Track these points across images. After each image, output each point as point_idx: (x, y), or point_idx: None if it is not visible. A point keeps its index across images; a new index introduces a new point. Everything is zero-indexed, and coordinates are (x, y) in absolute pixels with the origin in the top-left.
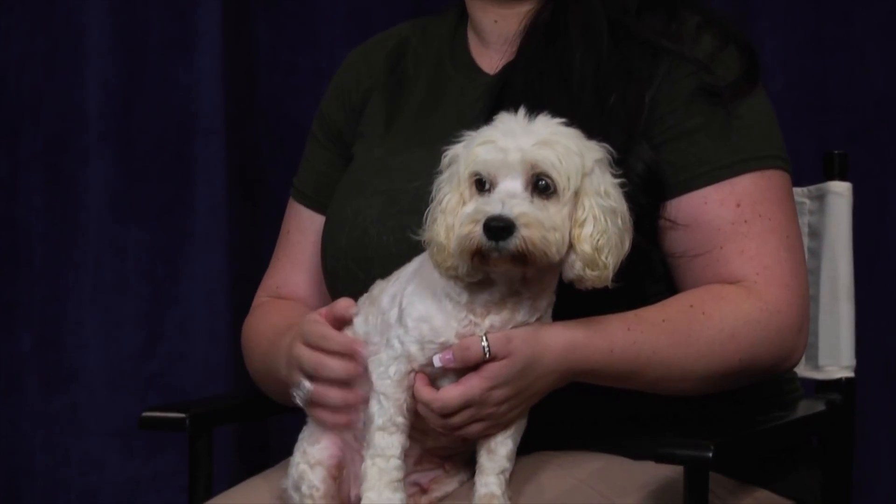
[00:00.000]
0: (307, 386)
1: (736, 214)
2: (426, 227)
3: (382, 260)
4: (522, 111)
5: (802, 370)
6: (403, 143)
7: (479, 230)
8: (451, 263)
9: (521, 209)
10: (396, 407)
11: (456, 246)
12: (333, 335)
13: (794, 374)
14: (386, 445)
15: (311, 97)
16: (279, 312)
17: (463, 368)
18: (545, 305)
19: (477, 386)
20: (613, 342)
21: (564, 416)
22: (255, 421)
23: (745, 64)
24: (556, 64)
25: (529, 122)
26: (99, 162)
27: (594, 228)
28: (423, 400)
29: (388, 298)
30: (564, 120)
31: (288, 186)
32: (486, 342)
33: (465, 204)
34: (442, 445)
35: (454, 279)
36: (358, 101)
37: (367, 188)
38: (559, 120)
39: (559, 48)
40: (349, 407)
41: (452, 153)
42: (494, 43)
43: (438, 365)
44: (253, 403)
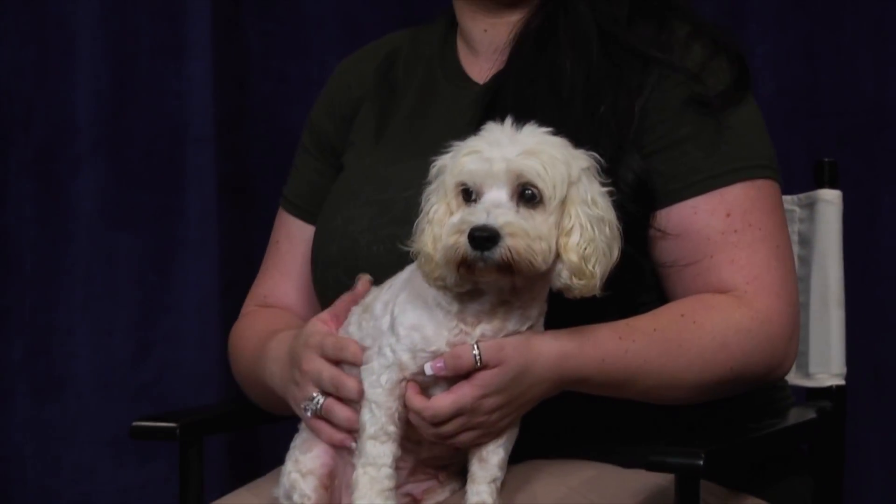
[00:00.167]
0: (321, 400)
1: (726, 224)
2: (415, 237)
3: (373, 270)
4: (510, 121)
5: (793, 378)
6: (394, 152)
7: (464, 240)
8: (438, 274)
9: (506, 219)
10: (388, 416)
11: (442, 256)
12: (350, 345)
13: (784, 381)
14: (377, 454)
15: (301, 105)
16: (265, 320)
17: (454, 377)
18: (536, 314)
19: (468, 394)
20: (605, 351)
21: (556, 424)
22: (245, 430)
23: (735, 73)
24: (546, 73)
25: (516, 131)
26: (90, 169)
27: (581, 237)
28: (414, 408)
29: (380, 305)
30: (551, 129)
31: (278, 193)
32: (477, 350)
33: (452, 214)
34: (436, 456)
35: (443, 289)
36: (348, 110)
37: (357, 198)
38: (546, 129)
39: (549, 57)
40: (351, 429)
41: (440, 163)
42: (484, 52)
43: (430, 373)
44: (244, 412)
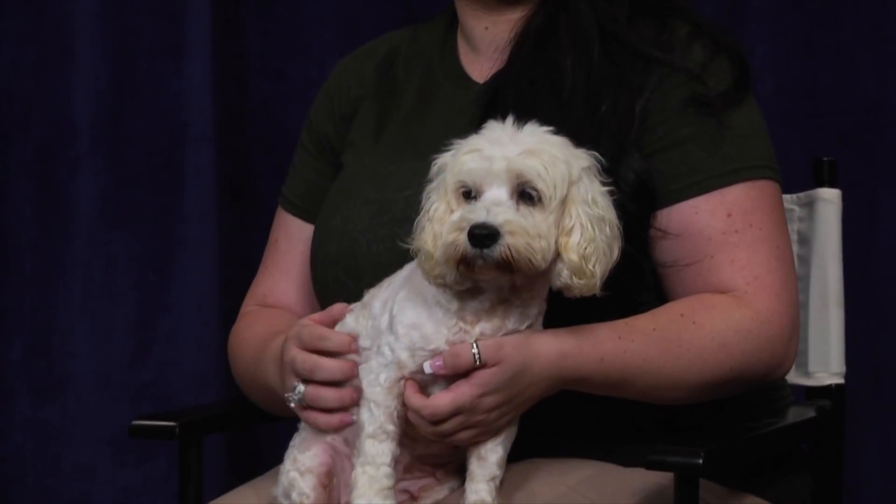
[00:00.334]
0: (301, 388)
1: (727, 224)
2: (415, 235)
3: (372, 269)
4: (511, 119)
5: (793, 377)
6: (393, 151)
7: (463, 238)
8: (438, 272)
9: (505, 217)
10: (387, 415)
11: (441, 254)
12: (331, 335)
13: (784, 381)
14: (376, 453)
15: (300, 104)
16: (265, 321)
17: (453, 376)
18: (536, 313)
19: (467, 393)
20: (604, 351)
21: (555, 423)
22: (245, 429)
23: (736, 73)
24: (546, 72)
25: (517, 130)
26: (89, 169)
27: (581, 237)
28: (413, 407)
29: (379, 304)
30: (552, 128)
31: (278, 193)
32: (476, 349)
33: (452, 212)
34: (433, 453)
35: (443, 287)
36: (347, 109)
37: (356, 197)
38: (547, 128)
39: (550, 56)
40: (344, 407)
41: (441, 162)
42: (485, 50)
43: (429, 372)
44: (243, 412)
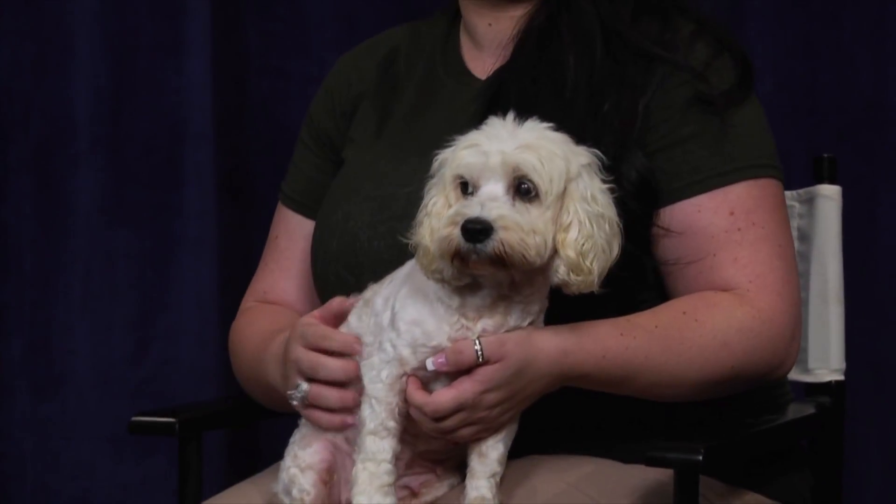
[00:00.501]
0: (305, 387)
1: (729, 222)
2: (414, 230)
3: (373, 265)
4: (512, 116)
5: (793, 373)
6: (395, 148)
7: (457, 232)
8: (435, 267)
9: (499, 212)
10: (388, 411)
11: (436, 248)
12: (334, 334)
13: (784, 377)
14: (377, 449)
15: (300, 102)
16: (266, 317)
17: (455, 372)
18: (537, 310)
19: (469, 389)
20: (606, 347)
21: (555, 420)
22: (244, 425)
23: (739, 72)
24: (549, 70)
25: (517, 126)
26: (88, 167)
27: (579, 233)
28: (415, 403)
29: (381, 301)
30: (552, 125)
31: (277, 191)
32: (479, 346)
33: (450, 207)
34: (434, 449)
35: (441, 283)
36: (348, 106)
37: (358, 193)
38: (547, 125)
39: (553, 53)
40: (346, 408)
41: (442, 157)
42: (488, 47)
43: (431, 369)
44: (243, 408)
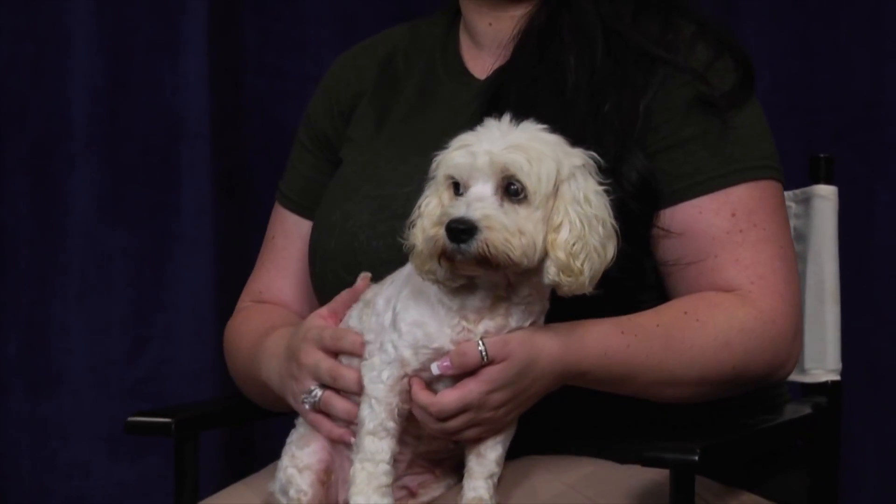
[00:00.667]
0: (319, 392)
1: (731, 224)
2: (409, 232)
3: (372, 265)
4: (507, 117)
5: None
6: (394, 148)
7: (442, 232)
8: (428, 267)
9: (483, 212)
10: (388, 412)
11: (423, 248)
12: (347, 333)
13: None
14: (375, 450)
15: (296, 101)
16: (261, 317)
17: (460, 375)
18: (538, 311)
19: (475, 390)
20: (607, 345)
21: (553, 421)
22: (241, 425)
23: (740, 73)
24: (549, 70)
25: (512, 127)
26: (85, 166)
27: (570, 234)
28: (420, 403)
29: (382, 301)
30: (547, 126)
31: (274, 190)
32: (482, 346)
33: (442, 208)
34: (433, 449)
35: (435, 284)
36: (346, 105)
37: (356, 193)
38: (542, 126)
39: (554, 53)
40: (350, 421)
41: (439, 158)
42: (488, 46)
43: (437, 373)
44: (239, 408)
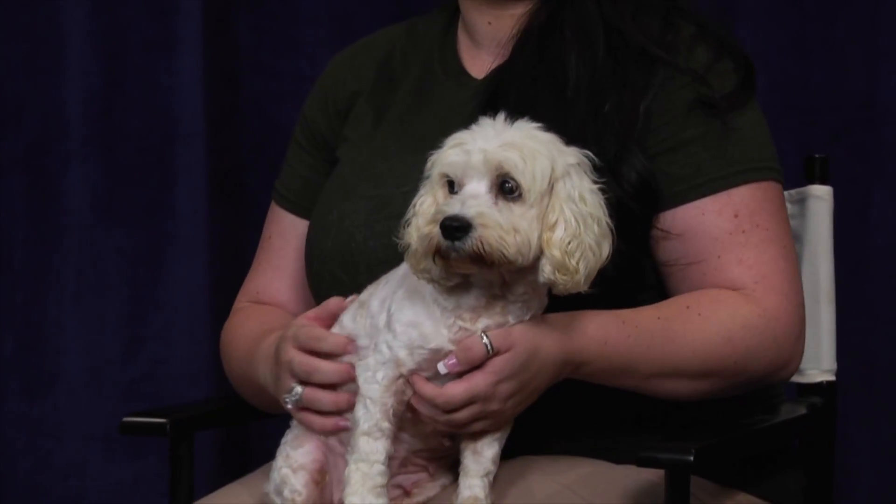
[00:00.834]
0: (299, 390)
1: (734, 225)
2: (404, 231)
3: (369, 265)
4: (502, 116)
5: None
6: (391, 147)
7: (437, 230)
8: (423, 266)
9: (478, 209)
10: (383, 412)
11: (418, 246)
12: (327, 335)
13: None
14: (370, 451)
15: (292, 101)
16: (258, 318)
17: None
18: (537, 307)
19: (482, 381)
20: (608, 334)
21: (549, 420)
22: (236, 425)
23: (741, 75)
24: (549, 69)
25: (507, 125)
26: (80, 165)
27: (565, 232)
28: (426, 396)
29: (377, 302)
30: (542, 125)
31: (269, 189)
32: (486, 339)
33: (437, 206)
34: (428, 448)
35: (431, 283)
36: (343, 104)
37: (353, 192)
38: (536, 125)
39: (553, 53)
40: (339, 411)
41: (434, 156)
42: (487, 45)
43: (444, 372)
44: (234, 408)
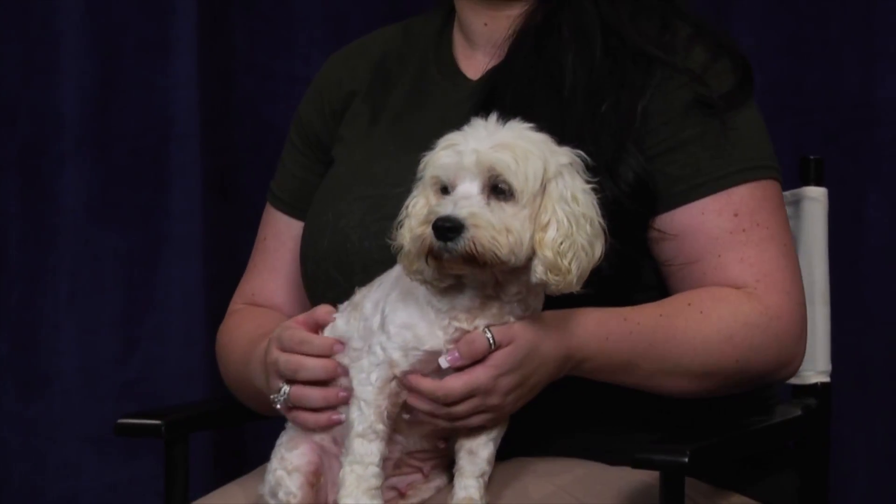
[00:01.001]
0: (287, 389)
1: (734, 224)
2: (397, 232)
3: (364, 266)
4: (494, 116)
5: None
6: (386, 147)
7: (429, 231)
8: (416, 267)
9: (470, 210)
10: (377, 414)
11: (411, 248)
12: (312, 338)
13: None
14: (365, 452)
15: (286, 101)
16: (254, 320)
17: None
18: (534, 304)
19: (483, 374)
20: (609, 330)
21: (544, 421)
22: (231, 427)
23: (738, 75)
24: (546, 70)
25: (499, 126)
26: (75, 166)
27: (557, 233)
28: (426, 391)
29: (370, 304)
30: (533, 125)
31: (264, 190)
32: (489, 333)
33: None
34: (423, 449)
35: (423, 284)
36: (338, 105)
37: (348, 193)
38: (528, 125)
39: (550, 54)
40: (330, 406)
41: (426, 158)
42: (483, 46)
43: (446, 366)
44: (229, 410)
